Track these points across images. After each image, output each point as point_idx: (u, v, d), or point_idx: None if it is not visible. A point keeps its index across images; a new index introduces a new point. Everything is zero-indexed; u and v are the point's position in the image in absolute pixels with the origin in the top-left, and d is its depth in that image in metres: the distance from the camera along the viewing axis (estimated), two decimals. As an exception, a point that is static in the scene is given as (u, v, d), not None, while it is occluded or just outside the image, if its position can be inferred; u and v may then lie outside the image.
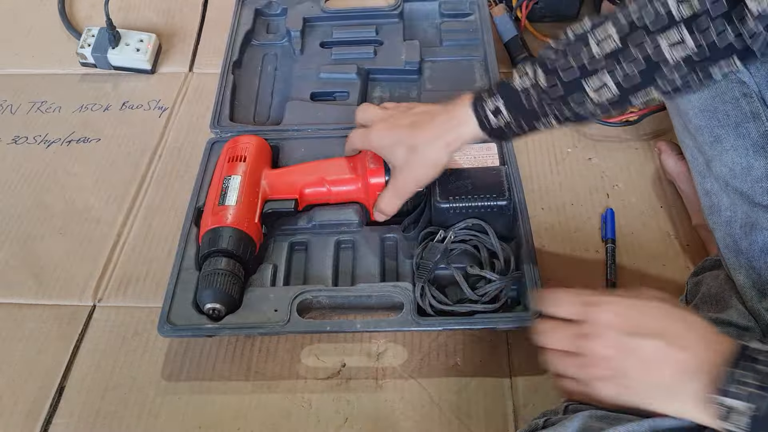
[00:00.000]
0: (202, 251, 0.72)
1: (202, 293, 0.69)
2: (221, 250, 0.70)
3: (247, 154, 0.79)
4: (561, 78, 0.57)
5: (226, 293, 0.69)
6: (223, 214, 0.72)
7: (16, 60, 1.08)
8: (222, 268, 0.69)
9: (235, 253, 0.71)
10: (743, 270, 0.61)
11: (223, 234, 0.71)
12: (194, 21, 1.12)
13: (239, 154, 0.79)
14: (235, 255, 0.71)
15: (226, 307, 0.70)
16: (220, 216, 0.72)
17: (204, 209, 0.76)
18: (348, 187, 0.78)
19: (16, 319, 0.78)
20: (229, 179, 0.76)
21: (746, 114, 0.60)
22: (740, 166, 0.61)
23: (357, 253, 0.79)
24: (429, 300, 0.71)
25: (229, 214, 0.72)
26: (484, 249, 0.75)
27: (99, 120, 0.99)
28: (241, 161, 0.78)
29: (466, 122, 0.64)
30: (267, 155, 0.82)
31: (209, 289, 0.69)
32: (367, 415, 0.70)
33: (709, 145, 0.63)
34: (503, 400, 0.70)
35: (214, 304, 0.69)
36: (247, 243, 0.72)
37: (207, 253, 0.71)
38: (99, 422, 0.70)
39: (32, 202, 0.90)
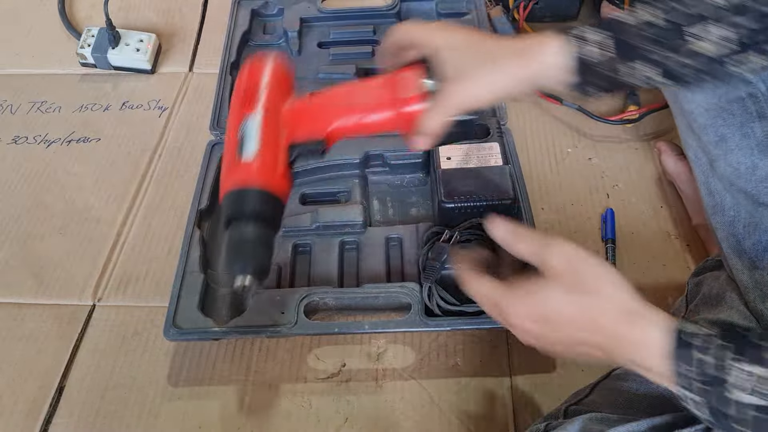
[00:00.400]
0: (224, 214, 0.60)
1: (233, 265, 0.57)
2: (247, 213, 0.58)
3: (266, 85, 0.64)
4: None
5: (259, 263, 0.58)
6: (244, 170, 0.59)
7: (16, 60, 1.08)
8: (250, 235, 0.57)
9: (263, 216, 0.59)
10: (746, 270, 0.61)
11: (248, 195, 0.59)
12: (194, 21, 1.12)
13: (255, 86, 0.64)
14: (264, 218, 0.59)
15: (258, 280, 0.58)
16: (242, 172, 0.59)
17: (222, 162, 0.64)
18: (383, 114, 0.63)
19: (15, 319, 0.78)
20: (246, 123, 0.62)
21: (752, 113, 0.60)
22: (745, 166, 0.60)
23: (361, 254, 0.79)
24: (436, 300, 0.71)
25: (252, 169, 0.59)
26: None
27: (99, 120, 0.99)
28: (258, 97, 0.63)
29: (555, 53, 0.52)
30: (287, 81, 0.66)
31: (240, 260, 0.57)
32: (367, 415, 0.70)
33: (714, 145, 0.63)
34: (503, 400, 0.70)
35: (245, 277, 0.57)
36: (275, 202, 0.60)
37: (231, 217, 0.59)
38: (99, 422, 0.70)
39: (32, 202, 0.90)
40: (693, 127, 0.66)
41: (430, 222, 0.80)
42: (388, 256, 0.79)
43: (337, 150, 0.86)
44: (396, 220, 0.83)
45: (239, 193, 0.59)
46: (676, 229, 0.84)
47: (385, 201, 0.86)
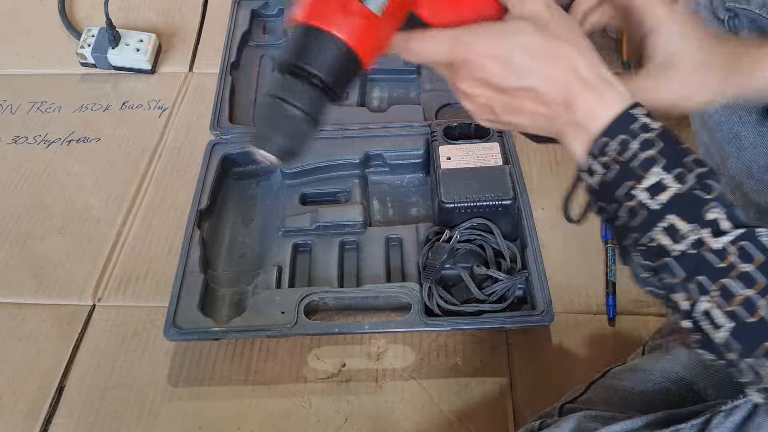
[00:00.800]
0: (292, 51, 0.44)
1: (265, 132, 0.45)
2: (323, 71, 0.44)
3: None
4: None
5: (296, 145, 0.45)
6: (357, 18, 0.43)
7: (16, 60, 1.08)
8: (304, 102, 0.44)
9: (335, 84, 0.44)
10: None
11: (342, 55, 0.43)
12: (194, 21, 1.12)
13: None
14: (336, 90, 0.45)
15: (284, 162, 0.47)
16: (351, 19, 0.43)
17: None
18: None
19: (15, 319, 0.78)
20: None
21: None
22: (758, 165, 0.60)
23: (361, 254, 0.79)
24: (436, 300, 0.71)
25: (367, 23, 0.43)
26: (489, 248, 0.75)
27: (99, 120, 0.99)
28: None
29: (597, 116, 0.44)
30: None
31: (280, 132, 0.44)
32: (367, 415, 0.70)
33: (727, 142, 0.63)
34: (503, 400, 0.70)
35: (272, 155, 0.45)
36: (357, 72, 0.46)
37: (298, 64, 0.44)
38: (99, 422, 0.70)
39: (32, 202, 0.90)
40: (707, 123, 0.66)
41: (430, 222, 0.80)
42: (388, 256, 0.79)
43: (337, 150, 0.86)
44: (396, 220, 0.83)
45: (329, 42, 0.43)
46: (676, 229, 0.84)
47: (385, 201, 0.86)
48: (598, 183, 0.43)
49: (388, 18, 0.44)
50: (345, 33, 0.43)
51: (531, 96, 0.44)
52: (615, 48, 1.06)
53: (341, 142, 0.86)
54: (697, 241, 0.39)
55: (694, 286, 0.39)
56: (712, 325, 0.39)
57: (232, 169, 0.88)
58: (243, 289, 0.76)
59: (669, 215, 0.40)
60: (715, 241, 0.39)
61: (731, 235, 0.38)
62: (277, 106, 0.44)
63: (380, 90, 0.98)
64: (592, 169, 0.43)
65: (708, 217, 0.39)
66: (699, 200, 0.40)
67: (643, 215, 0.41)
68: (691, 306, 0.40)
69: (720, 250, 0.39)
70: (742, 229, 0.38)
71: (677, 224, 0.40)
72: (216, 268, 0.79)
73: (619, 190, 0.42)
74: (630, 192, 0.41)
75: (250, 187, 0.88)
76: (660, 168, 0.41)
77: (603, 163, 0.42)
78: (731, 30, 0.64)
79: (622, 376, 0.60)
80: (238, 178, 0.88)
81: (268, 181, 0.88)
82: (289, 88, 0.43)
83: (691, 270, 0.40)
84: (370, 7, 0.43)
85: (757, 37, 0.60)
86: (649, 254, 0.41)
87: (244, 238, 0.83)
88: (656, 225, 0.40)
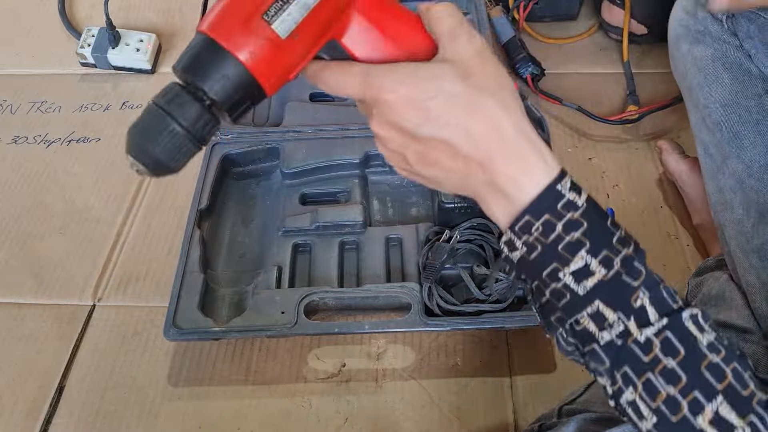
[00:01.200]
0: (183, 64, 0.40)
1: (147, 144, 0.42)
2: (213, 100, 0.40)
3: None
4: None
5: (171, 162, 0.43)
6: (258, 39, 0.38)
7: (16, 60, 1.08)
8: (186, 124, 0.40)
9: (230, 113, 0.41)
10: (754, 270, 0.61)
11: (239, 77, 0.39)
12: (194, 20, 1.12)
13: None
14: (229, 114, 0.41)
15: (155, 176, 0.44)
16: (253, 38, 0.38)
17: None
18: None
19: (15, 319, 0.78)
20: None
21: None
22: (758, 165, 0.60)
23: (361, 254, 0.79)
24: (436, 300, 0.71)
25: (271, 46, 0.39)
26: (489, 248, 0.75)
27: (99, 120, 0.99)
28: None
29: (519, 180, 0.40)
30: None
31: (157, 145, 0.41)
32: (367, 415, 0.70)
33: (728, 142, 0.63)
34: (503, 400, 0.70)
35: (139, 164, 0.43)
36: (256, 98, 0.41)
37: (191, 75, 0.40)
38: (99, 422, 0.70)
39: (32, 202, 0.90)
40: (707, 122, 0.66)
41: (430, 222, 0.80)
42: (388, 256, 0.79)
43: (337, 150, 0.86)
44: (396, 220, 0.83)
45: (226, 61, 0.39)
46: (677, 230, 0.84)
47: (385, 201, 0.86)
48: (519, 259, 0.40)
49: (298, 43, 0.40)
50: (245, 54, 0.38)
51: (446, 149, 0.39)
52: (615, 48, 1.06)
53: (341, 142, 0.86)
54: (623, 332, 0.38)
55: (620, 376, 0.38)
56: (637, 415, 0.38)
57: (232, 169, 0.88)
58: (243, 289, 0.76)
59: (595, 301, 0.38)
60: (641, 333, 0.37)
61: (656, 327, 0.37)
62: (160, 117, 0.40)
63: (380, 90, 0.97)
64: (513, 245, 0.40)
65: (635, 305, 0.38)
66: (625, 287, 0.38)
67: (569, 298, 0.39)
68: (616, 393, 0.39)
69: (645, 343, 0.37)
70: (666, 319, 0.37)
71: (604, 312, 0.38)
72: (216, 268, 0.79)
73: (544, 271, 0.39)
74: (557, 275, 0.39)
75: (250, 187, 0.88)
76: (585, 251, 0.38)
77: (525, 241, 0.39)
78: (730, 30, 0.64)
79: None
80: (238, 178, 0.88)
81: (268, 181, 0.88)
82: (175, 102, 0.40)
83: (616, 360, 0.38)
84: (276, 29, 0.38)
85: (756, 37, 0.60)
86: (575, 335, 0.40)
87: (244, 238, 0.83)
88: (583, 310, 0.38)
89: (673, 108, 0.94)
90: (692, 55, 0.68)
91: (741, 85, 0.61)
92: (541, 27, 1.08)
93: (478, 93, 0.39)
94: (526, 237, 0.39)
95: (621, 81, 1.00)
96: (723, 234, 0.66)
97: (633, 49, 1.02)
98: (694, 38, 0.68)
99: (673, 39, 0.72)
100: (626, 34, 1.00)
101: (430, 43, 0.42)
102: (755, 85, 0.60)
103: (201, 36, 0.39)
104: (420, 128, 0.39)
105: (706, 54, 0.66)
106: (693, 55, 0.68)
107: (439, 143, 0.39)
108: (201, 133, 0.40)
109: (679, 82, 0.73)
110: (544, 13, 1.08)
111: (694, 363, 0.37)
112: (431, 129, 0.39)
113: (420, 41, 0.43)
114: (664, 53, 0.76)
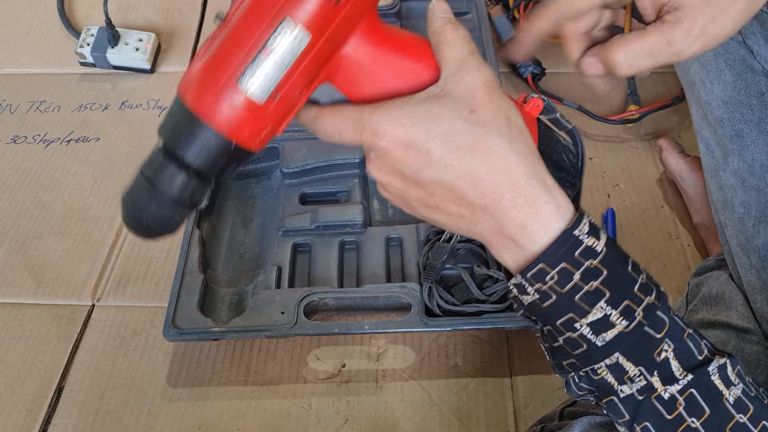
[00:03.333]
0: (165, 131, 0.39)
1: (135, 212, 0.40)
2: (197, 168, 0.38)
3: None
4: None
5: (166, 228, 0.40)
6: (235, 108, 0.36)
7: (14, 59, 1.08)
8: (174, 194, 0.38)
9: (218, 176, 0.40)
10: (754, 270, 0.60)
11: (219, 146, 0.37)
12: (194, 20, 1.12)
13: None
14: (218, 177, 0.40)
15: (146, 239, 0.42)
16: (229, 107, 0.36)
17: (198, 50, 0.39)
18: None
19: (14, 319, 0.78)
20: (278, 37, 0.36)
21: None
22: (759, 163, 0.60)
23: (361, 254, 0.79)
24: (437, 300, 0.71)
25: (247, 113, 0.37)
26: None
27: (98, 119, 0.99)
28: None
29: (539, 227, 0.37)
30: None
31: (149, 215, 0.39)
32: (367, 416, 0.69)
33: (729, 139, 0.62)
34: (504, 400, 0.70)
35: (134, 232, 0.41)
36: (243, 158, 0.39)
37: (172, 150, 0.38)
38: (98, 422, 0.70)
39: (31, 202, 0.89)
40: (709, 119, 0.65)
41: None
42: (388, 256, 0.78)
43: (337, 150, 0.85)
44: (396, 220, 0.83)
45: (203, 130, 0.37)
46: (677, 229, 0.84)
47: (385, 201, 0.85)
48: (530, 303, 0.37)
49: (280, 103, 0.37)
50: (223, 123, 0.36)
51: (449, 194, 0.36)
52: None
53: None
54: (646, 387, 0.36)
55: (640, 429, 0.37)
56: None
57: (231, 169, 0.87)
58: (243, 289, 0.76)
59: (615, 353, 0.36)
60: (665, 390, 0.36)
61: (681, 384, 0.35)
62: (147, 189, 0.38)
63: (380, 89, 0.97)
64: (524, 290, 0.37)
65: (658, 359, 0.36)
66: (648, 339, 0.36)
67: (586, 348, 0.36)
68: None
69: (669, 400, 0.36)
70: (691, 375, 0.36)
71: (624, 365, 0.36)
72: (215, 268, 0.79)
73: (558, 320, 0.37)
74: (573, 325, 0.36)
75: (250, 187, 0.88)
76: (604, 302, 0.36)
77: (538, 289, 0.36)
78: None
79: None
80: (237, 178, 0.88)
81: (267, 181, 0.88)
82: (161, 172, 0.38)
83: (637, 414, 0.36)
84: (252, 95, 0.36)
85: (759, 33, 0.59)
86: (590, 383, 0.38)
87: (244, 238, 0.82)
88: (600, 361, 0.36)
89: (674, 108, 0.94)
90: None
91: (744, 82, 0.61)
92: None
93: (482, 130, 0.35)
94: (539, 285, 0.36)
95: (622, 80, 1.00)
96: (723, 233, 0.65)
97: (633, 49, 1.02)
98: None
99: None
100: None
101: (434, 70, 0.39)
102: (758, 82, 0.60)
103: (179, 104, 0.38)
104: (420, 173, 0.36)
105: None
106: None
107: (441, 188, 0.36)
108: (190, 199, 0.39)
109: (681, 78, 0.73)
110: (545, 13, 1.08)
111: (720, 424, 0.35)
112: (433, 173, 0.36)
113: (422, 69, 0.39)
114: (665, 53, 0.76)
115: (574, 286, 0.36)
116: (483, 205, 0.36)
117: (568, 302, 0.36)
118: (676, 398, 0.36)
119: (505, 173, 0.35)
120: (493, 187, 0.36)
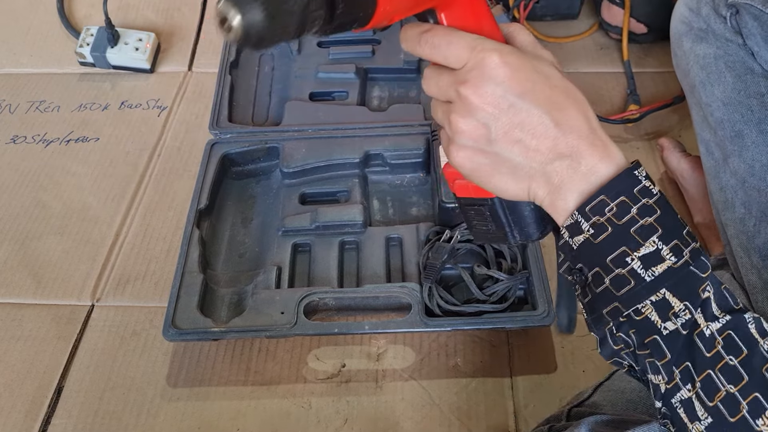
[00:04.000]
0: None
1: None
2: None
3: None
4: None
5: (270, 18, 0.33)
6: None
7: (14, 59, 1.08)
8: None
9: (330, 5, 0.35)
10: (755, 270, 0.60)
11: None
12: (193, 20, 1.12)
13: None
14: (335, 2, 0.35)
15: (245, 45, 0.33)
16: None
17: None
18: None
19: (14, 319, 0.78)
20: None
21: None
22: (760, 164, 0.60)
23: (361, 254, 0.79)
24: (437, 300, 0.71)
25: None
26: (490, 248, 0.75)
27: (98, 119, 0.99)
28: None
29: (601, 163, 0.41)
30: None
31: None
32: (367, 415, 0.69)
33: (730, 140, 0.62)
34: (504, 400, 0.70)
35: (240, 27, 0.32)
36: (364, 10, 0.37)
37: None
38: (98, 422, 0.70)
39: (30, 202, 0.89)
40: (709, 121, 0.65)
41: (430, 222, 0.79)
42: (388, 256, 0.78)
43: (337, 149, 0.85)
44: (396, 220, 0.83)
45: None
46: (678, 229, 0.83)
47: (385, 201, 0.85)
48: (581, 243, 0.39)
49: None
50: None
51: (539, 127, 0.39)
52: (616, 47, 1.06)
53: (341, 141, 0.86)
54: (690, 322, 0.37)
55: (679, 372, 0.37)
56: (688, 416, 0.37)
57: (231, 169, 0.87)
58: (242, 289, 0.76)
59: (662, 289, 0.37)
60: (707, 326, 0.37)
61: (720, 322, 0.37)
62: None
63: (380, 89, 0.97)
64: (579, 227, 0.39)
65: (702, 296, 0.37)
66: (694, 277, 0.37)
67: (633, 285, 0.38)
68: (669, 391, 0.38)
69: (709, 337, 0.37)
70: (730, 316, 0.37)
71: (670, 300, 0.37)
72: (215, 268, 0.79)
73: (609, 256, 0.38)
74: (624, 259, 0.38)
75: (250, 187, 0.88)
76: (657, 237, 0.38)
77: (594, 223, 0.38)
78: (733, 27, 0.64)
79: (629, 379, 0.59)
80: (237, 178, 0.88)
81: (267, 181, 0.88)
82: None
83: (678, 353, 0.37)
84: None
85: (759, 34, 0.59)
86: (632, 326, 0.39)
87: (244, 238, 0.82)
88: (646, 298, 0.37)
89: (674, 107, 0.94)
90: (694, 53, 0.68)
91: (743, 83, 0.61)
92: (542, 26, 1.08)
93: (571, 85, 0.41)
94: (596, 218, 0.38)
95: (622, 80, 1.00)
96: (725, 233, 0.65)
97: (633, 49, 1.02)
98: (697, 36, 0.67)
99: (675, 36, 0.72)
100: (626, 34, 1.00)
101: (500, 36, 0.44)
102: (758, 83, 0.60)
103: None
104: (522, 97, 0.39)
105: (708, 52, 0.66)
106: (695, 53, 0.67)
107: (536, 117, 0.39)
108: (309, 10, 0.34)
109: (681, 80, 0.73)
110: (545, 12, 1.08)
111: (757, 364, 0.36)
112: (532, 99, 0.39)
113: (495, 32, 0.44)
114: (665, 52, 0.76)
115: (630, 219, 0.38)
116: (566, 142, 0.39)
117: (622, 234, 0.38)
118: (715, 337, 0.37)
119: (587, 120, 0.40)
120: (580, 130, 0.40)
